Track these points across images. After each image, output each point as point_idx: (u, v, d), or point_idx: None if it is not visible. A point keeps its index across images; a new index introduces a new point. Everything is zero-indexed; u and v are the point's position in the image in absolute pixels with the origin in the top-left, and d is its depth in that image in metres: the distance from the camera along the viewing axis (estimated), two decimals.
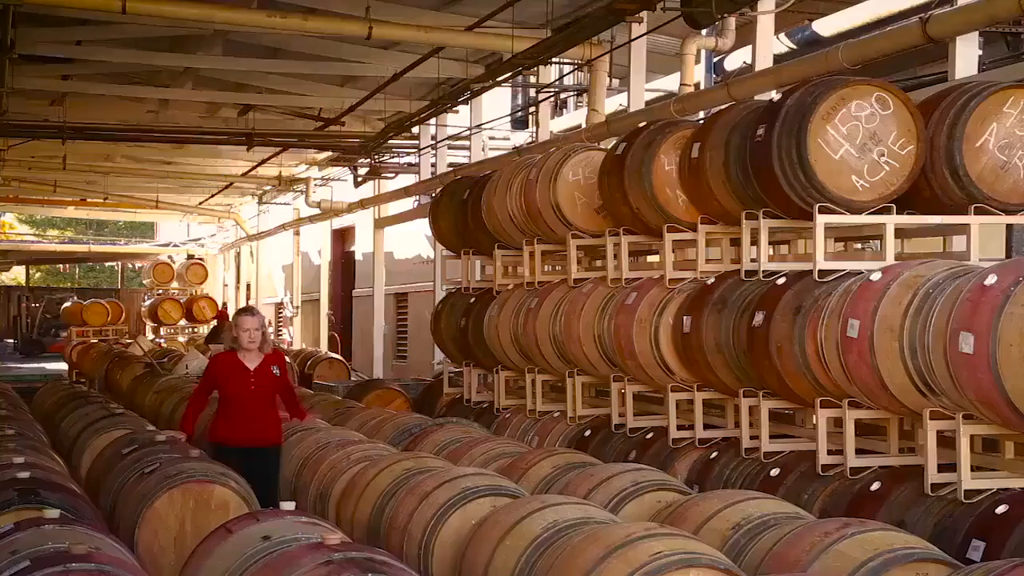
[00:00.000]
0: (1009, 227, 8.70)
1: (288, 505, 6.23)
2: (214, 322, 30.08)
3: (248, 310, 9.19)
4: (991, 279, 6.04)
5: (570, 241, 10.63)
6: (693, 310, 8.53)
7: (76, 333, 33.05)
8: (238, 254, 37.39)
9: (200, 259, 37.43)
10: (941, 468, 6.59)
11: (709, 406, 8.96)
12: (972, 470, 6.43)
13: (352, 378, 20.94)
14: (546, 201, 10.73)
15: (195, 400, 9.08)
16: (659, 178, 9.29)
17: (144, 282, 38.94)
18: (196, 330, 33.71)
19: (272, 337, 8.91)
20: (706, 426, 8.84)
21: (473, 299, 12.72)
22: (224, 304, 34.27)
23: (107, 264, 51.94)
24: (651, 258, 10.70)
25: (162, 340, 31.94)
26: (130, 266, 49.22)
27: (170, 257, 38.58)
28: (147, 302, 36.04)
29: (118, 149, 25.09)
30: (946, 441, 6.62)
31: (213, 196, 32.02)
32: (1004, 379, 5.84)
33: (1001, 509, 6.14)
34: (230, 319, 12.35)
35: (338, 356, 23.67)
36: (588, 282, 10.38)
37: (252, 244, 35.16)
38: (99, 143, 23.11)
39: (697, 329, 8.39)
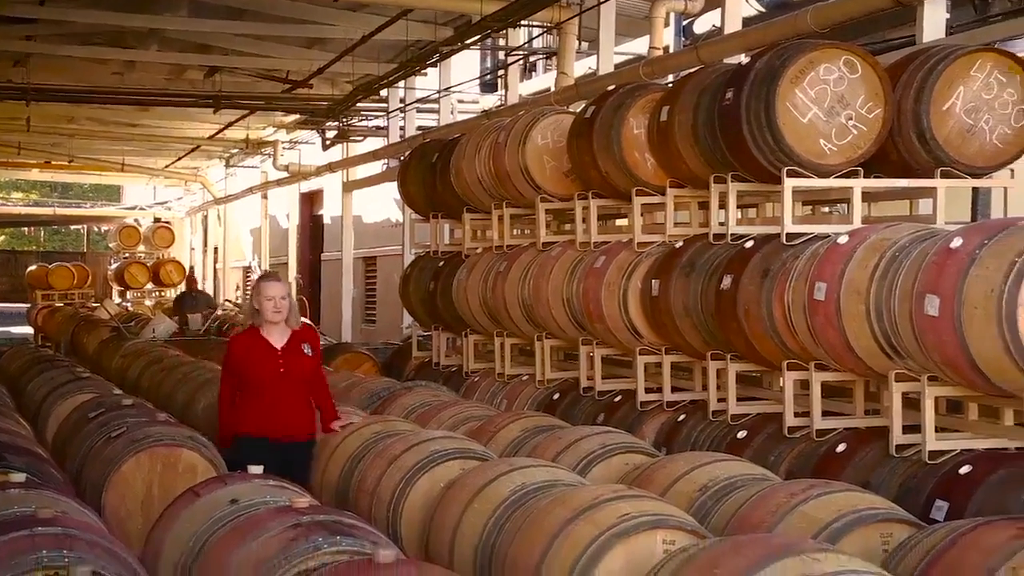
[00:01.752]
0: (975, 190, 8.74)
1: (256, 469, 6.22)
2: (182, 287, 29.89)
3: (271, 275, 7.72)
4: (957, 242, 6.07)
5: (539, 205, 10.62)
6: (661, 273, 8.54)
7: (41, 297, 32.84)
8: (205, 217, 37.18)
9: (167, 223, 37.21)
10: (906, 429, 6.65)
11: (677, 369, 8.99)
12: (936, 431, 6.49)
13: (321, 342, 20.86)
14: (515, 164, 10.71)
15: (225, 405, 7.48)
16: (628, 141, 9.28)
17: (110, 246, 38.66)
18: (163, 294, 33.54)
19: (296, 307, 7.56)
20: (674, 389, 8.88)
21: (442, 263, 12.69)
22: (191, 268, 34.07)
23: (73, 227, 51.53)
24: (620, 222, 10.70)
25: (128, 304, 31.77)
26: (96, 229, 48.88)
27: (136, 220, 38.32)
28: (113, 266, 35.83)
29: (83, 111, 24.85)
30: (911, 403, 6.67)
31: (180, 159, 31.79)
32: (968, 341, 5.89)
33: (964, 470, 6.20)
34: (196, 284, 11.54)
35: (307, 320, 23.59)
36: (557, 246, 10.38)
37: (219, 207, 34.96)
38: (64, 105, 22.88)
39: (665, 292, 8.40)
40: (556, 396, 10.11)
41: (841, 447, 7.01)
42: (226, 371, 7.52)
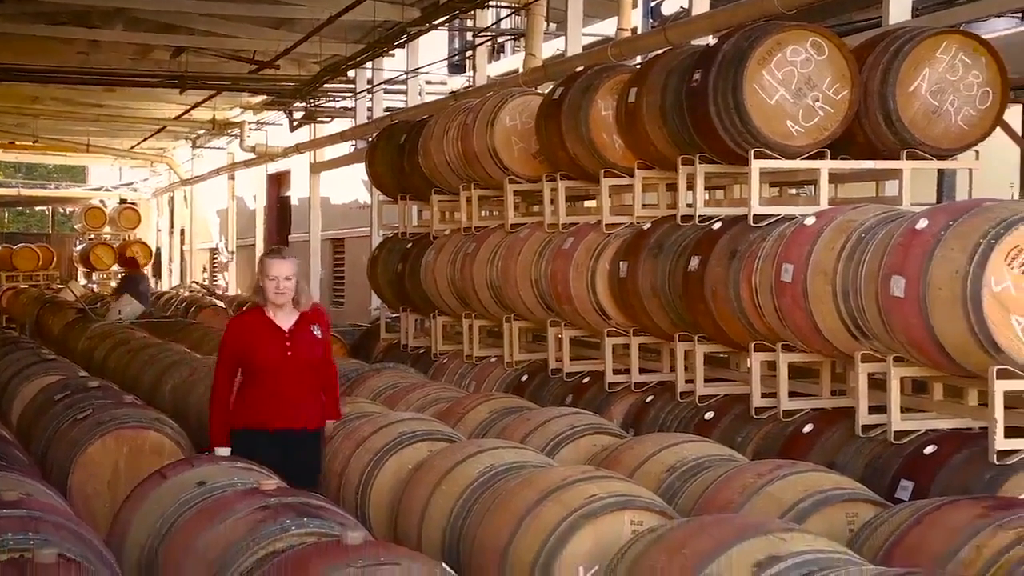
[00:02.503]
0: (940, 172, 8.81)
1: (223, 451, 6.20)
2: (122, 272, 29.51)
3: (276, 251, 6.89)
4: (922, 223, 6.10)
5: (507, 186, 10.61)
6: (629, 255, 8.55)
7: (6, 278, 32.58)
8: (172, 199, 36.95)
9: (133, 204, 36.96)
10: (872, 410, 6.69)
11: (645, 350, 9.01)
12: (902, 412, 6.53)
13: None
14: (483, 146, 10.69)
15: (220, 391, 6.60)
16: (596, 123, 9.28)
17: (76, 227, 38.39)
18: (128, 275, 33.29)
19: (307, 287, 6.75)
20: (642, 370, 8.90)
21: (410, 244, 12.67)
22: (157, 249, 33.86)
23: (37, 208, 51.10)
24: (588, 203, 10.71)
25: (94, 285, 31.56)
26: (61, 210, 48.47)
27: (102, 202, 38.04)
28: (79, 247, 35.57)
29: (48, 91, 24.61)
30: (877, 383, 6.71)
31: (146, 140, 31.56)
32: (934, 322, 5.92)
33: (929, 450, 6.25)
34: (143, 271, 10.92)
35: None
36: (525, 227, 10.37)
37: (186, 189, 34.75)
38: (29, 85, 22.66)
39: (633, 274, 8.42)
40: (524, 378, 10.12)
41: (808, 427, 7.05)
42: (223, 356, 6.63)
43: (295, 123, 23.42)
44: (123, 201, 37.37)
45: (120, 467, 7.13)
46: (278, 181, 30.48)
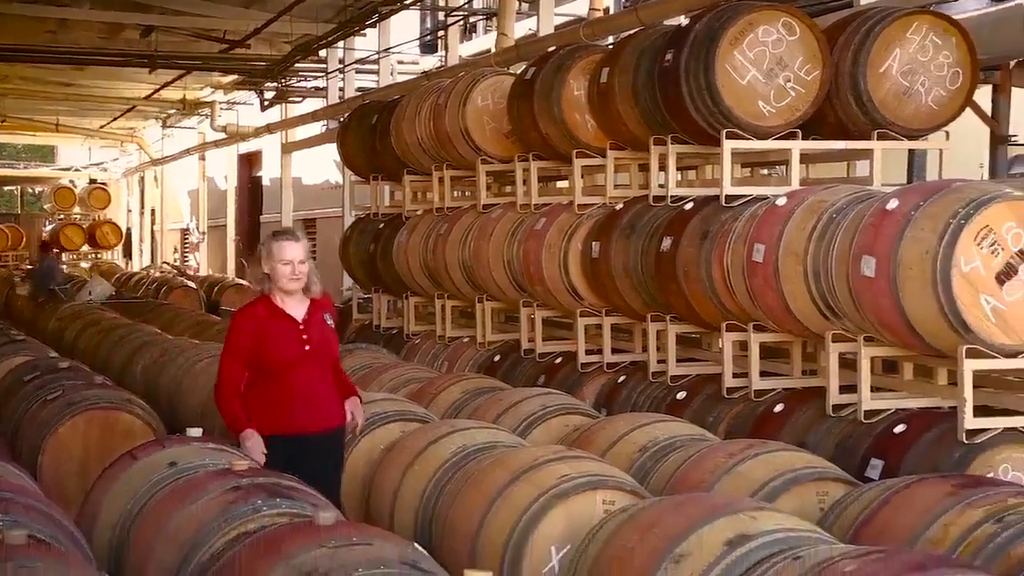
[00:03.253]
0: (911, 152, 8.84)
1: (195, 431, 6.17)
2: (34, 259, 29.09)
3: (288, 233, 5.92)
4: (893, 204, 6.13)
5: (479, 167, 10.60)
6: (602, 235, 8.56)
7: None
8: (142, 179, 36.75)
9: (103, 184, 36.75)
10: (842, 389, 6.72)
11: (617, 331, 9.03)
12: (872, 391, 6.56)
13: None
14: (455, 126, 10.67)
15: (229, 378, 5.71)
16: (568, 103, 9.27)
17: (45, 207, 38.12)
18: (99, 256, 33.17)
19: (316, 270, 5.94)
20: (614, 350, 8.91)
21: (382, 225, 12.64)
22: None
23: (6, 188, 50.70)
24: (560, 184, 10.70)
25: (64, 266, 31.36)
26: (30, 190, 48.14)
27: (71, 182, 37.81)
28: (48, 227, 35.34)
29: (16, 70, 24.42)
30: (847, 363, 6.75)
31: (115, 119, 31.36)
32: (904, 302, 5.95)
33: (899, 429, 6.28)
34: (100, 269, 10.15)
35: (246, 282, 23.45)
36: (497, 208, 10.36)
37: (156, 169, 34.57)
38: None
39: (605, 254, 8.42)
40: (497, 358, 10.12)
41: (779, 407, 7.09)
42: (231, 354, 5.74)
43: (266, 103, 23.31)
44: (93, 181, 37.15)
45: (91, 448, 7.10)
46: (249, 161, 30.35)
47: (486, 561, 5.02)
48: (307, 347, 5.70)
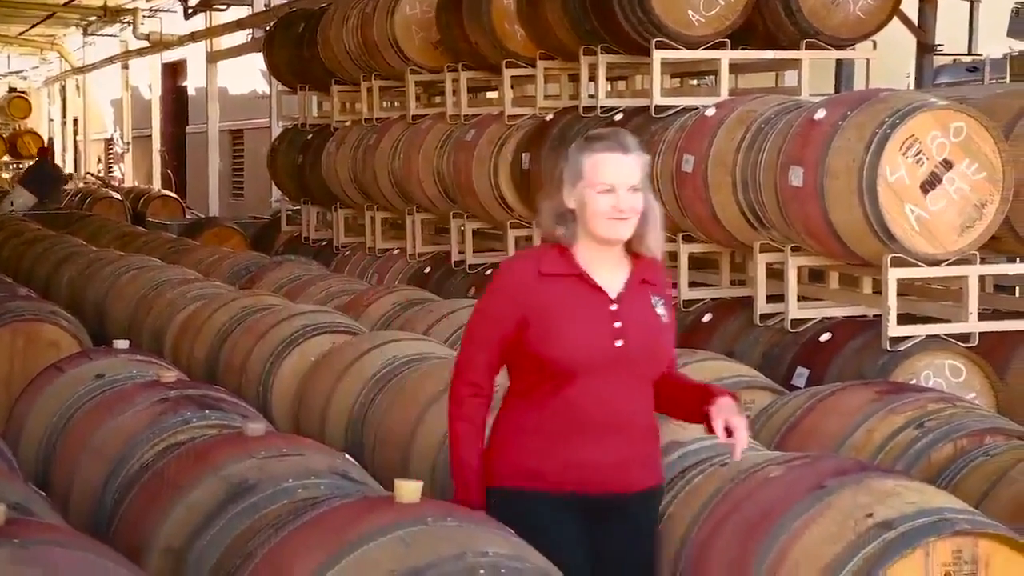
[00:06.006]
0: (839, 62, 8.86)
1: (122, 343, 6.11)
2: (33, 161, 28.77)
3: (611, 138, 3.37)
4: (820, 114, 6.15)
5: (408, 77, 10.49)
6: (532, 146, 8.53)
7: None
8: (63, 88, 35.97)
9: (23, 93, 35.95)
10: (770, 299, 6.79)
11: None
12: (798, 300, 6.64)
13: (187, 216, 20.55)
14: (383, 35, 10.53)
15: (467, 384, 3.49)
16: (497, 12, 9.17)
17: None
18: (20, 166, 32.50)
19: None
20: None
21: (310, 136, 12.52)
22: (50, 140, 33.05)
23: None
24: (490, 94, 10.63)
25: None
26: None
27: None
28: None
29: None
30: (775, 273, 6.81)
31: (34, 26, 30.56)
32: (831, 211, 6.00)
33: (824, 337, 6.37)
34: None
35: (172, 194, 23.16)
36: (427, 119, 10.29)
37: (78, 77, 33.82)
38: None
39: (536, 165, 8.40)
40: (427, 270, 10.11)
41: (707, 317, 7.15)
42: (474, 342, 3.50)
43: (190, 10, 22.81)
44: (12, 90, 36.32)
45: (15, 361, 7.00)
46: (174, 71, 29.79)
47: (417, 471, 5.04)
48: (619, 342, 3.36)
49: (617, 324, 3.37)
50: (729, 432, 3.35)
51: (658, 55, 7.53)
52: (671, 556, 3.73)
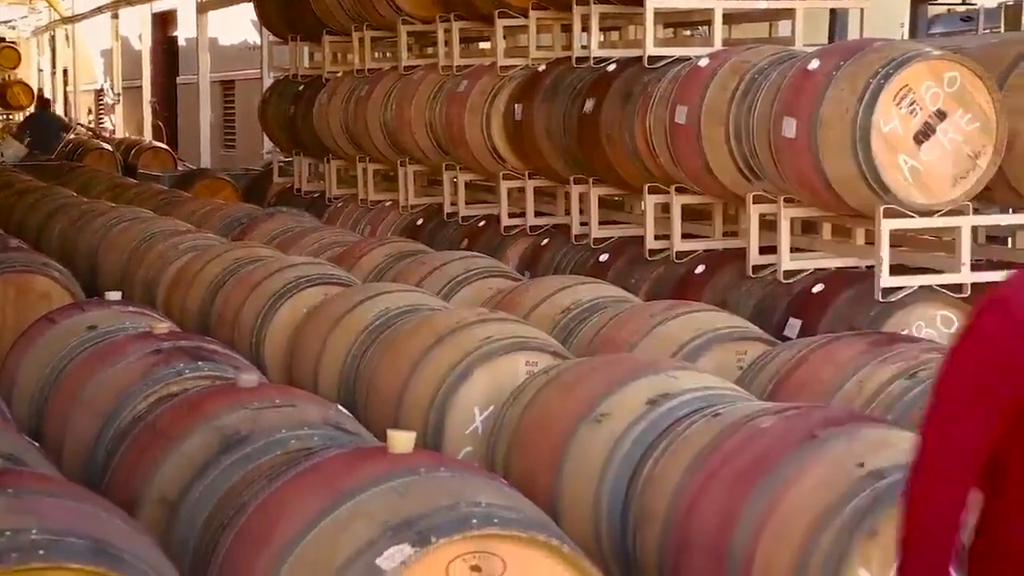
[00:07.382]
0: (833, 12, 8.81)
1: (114, 295, 6.11)
2: (31, 108, 28.71)
3: None
4: (814, 64, 6.12)
5: (400, 27, 10.42)
6: (524, 97, 8.49)
7: None
8: (53, 37, 35.71)
9: (12, 42, 35.67)
10: (762, 251, 6.78)
11: (540, 193, 9.02)
12: (791, 252, 6.64)
13: (179, 168, 20.47)
14: None
15: (939, 487, 2.16)
16: None
17: None
18: (11, 117, 32.30)
19: None
20: (537, 213, 8.92)
21: (302, 87, 12.44)
22: (40, 90, 32.83)
23: None
24: (483, 45, 10.57)
25: None
26: None
27: None
28: None
29: None
30: (768, 224, 6.81)
31: None
32: (824, 161, 5.99)
33: (817, 288, 6.37)
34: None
35: (163, 145, 23.05)
36: (419, 69, 10.23)
37: (67, 27, 33.57)
38: None
39: (528, 116, 8.37)
40: (420, 222, 10.09)
41: (700, 268, 7.15)
42: (978, 401, 2.16)
43: None
44: (1, 40, 36.03)
45: (7, 312, 6.99)
46: (164, 21, 29.59)
47: (410, 422, 5.06)
48: None
49: None
50: None
51: (651, 4, 7.48)
52: (663, 508, 3.75)
